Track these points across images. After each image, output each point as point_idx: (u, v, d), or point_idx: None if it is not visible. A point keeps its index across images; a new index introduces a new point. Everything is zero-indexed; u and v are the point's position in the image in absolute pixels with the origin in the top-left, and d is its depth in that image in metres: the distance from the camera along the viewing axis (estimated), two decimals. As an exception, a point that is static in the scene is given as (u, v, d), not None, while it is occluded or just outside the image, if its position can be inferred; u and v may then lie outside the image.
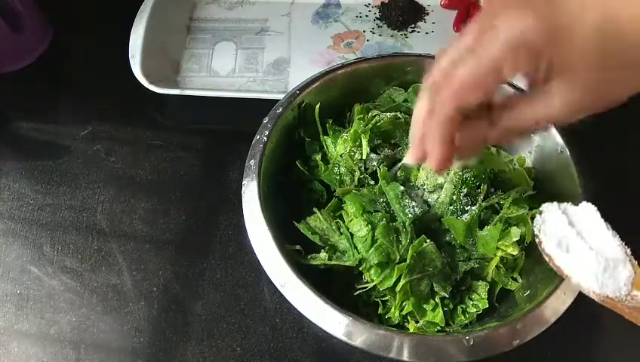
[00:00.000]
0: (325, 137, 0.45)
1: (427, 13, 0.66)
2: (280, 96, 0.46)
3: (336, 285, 0.41)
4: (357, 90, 0.47)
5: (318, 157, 0.45)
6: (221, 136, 0.56)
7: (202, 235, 0.50)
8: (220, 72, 0.62)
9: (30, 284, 0.47)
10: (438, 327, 0.39)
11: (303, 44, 0.64)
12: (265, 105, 0.45)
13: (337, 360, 0.44)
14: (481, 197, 0.41)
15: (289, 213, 0.42)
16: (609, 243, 0.32)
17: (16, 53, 0.60)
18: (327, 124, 0.45)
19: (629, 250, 0.32)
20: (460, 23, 0.64)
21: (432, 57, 0.47)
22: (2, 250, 0.49)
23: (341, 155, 0.44)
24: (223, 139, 0.56)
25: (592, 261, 0.31)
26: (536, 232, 0.34)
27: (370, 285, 0.39)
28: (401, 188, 0.41)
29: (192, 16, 0.67)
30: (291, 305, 0.36)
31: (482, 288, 0.41)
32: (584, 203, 0.34)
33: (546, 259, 0.33)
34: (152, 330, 0.45)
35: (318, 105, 0.44)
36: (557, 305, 0.35)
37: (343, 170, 0.44)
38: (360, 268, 0.40)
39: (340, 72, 0.46)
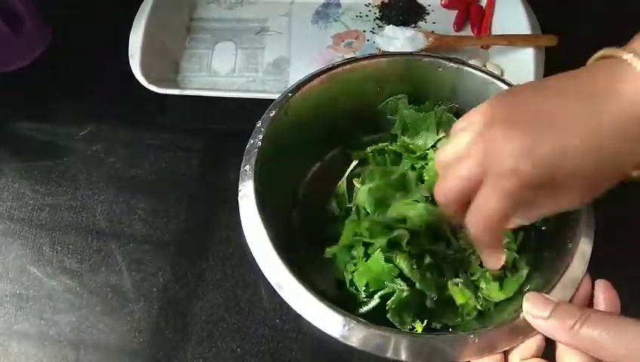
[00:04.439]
0: None
1: (427, 13, 0.66)
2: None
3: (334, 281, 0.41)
4: (353, 90, 0.47)
5: None
6: (221, 136, 0.56)
7: (202, 236, 0.50)
8: (219, 72, 0.62)
9: (30, 285, 0.47)
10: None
11: (302, 44, 0.64)
12: (265, 105, 0.45)
13: (338, 360, 0.44)
14: None
15: (286, 214, 0.42)
16: (413, 32, 0.60)
17: (15, 53, 0.60)
18: None
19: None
20: (460, 23, 0.64)
21: (424, 55, 0.47)
22: (2, 250, 0.49)
23: None
24: (222, 139, 0.56)
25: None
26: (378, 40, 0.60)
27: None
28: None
29: (192, 16, 0.67)
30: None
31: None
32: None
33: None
34: (151, 331, 0.45)
35: None
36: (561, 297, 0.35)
37: None
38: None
39: (335, 71, 0.46)
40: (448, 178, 0.34)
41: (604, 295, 0.34)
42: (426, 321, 0.39)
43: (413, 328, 0.38)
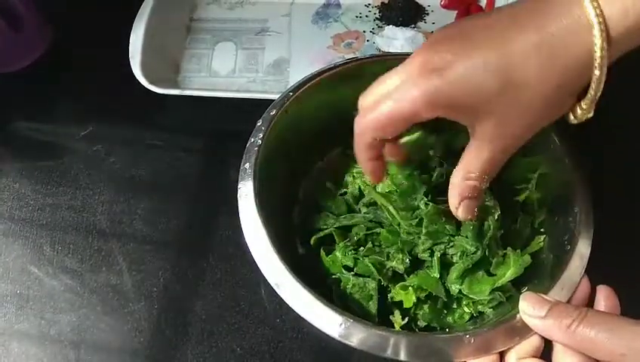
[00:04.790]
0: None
1: (427, 14, 0.66)
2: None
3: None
4: (354, 90, 0.47)
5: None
6: (221, 136, 0.56)
7: (202, 235, 0.50)
8: (220, 72, 0.62)
9: (30, 284, 0.47)
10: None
11: (303, 44, 0.64)
12: (265, 106, 0.45)
13: (338, 360, 0.44)
14: None
15: (286, 214, 0.42)
16: (413, 32, 0.61)
17: (16, 53, 0.60)
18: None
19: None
20: (460, 23, 0.64)
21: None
22: (2, 250, 0.49)
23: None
24: (222, 140, 0.56)
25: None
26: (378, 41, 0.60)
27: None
28: None
29: (193, 17, 0.67)
30: (291, 305, 0.36)
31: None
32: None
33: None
34: (152, 330, 0.45)
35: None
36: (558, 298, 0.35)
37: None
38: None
39: (336, 71, 0.46)
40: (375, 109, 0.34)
41: (605, 302, 0.33)
42: (407, 319, 0.39)
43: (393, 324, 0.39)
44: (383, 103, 0.33)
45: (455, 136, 0.42)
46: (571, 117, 0.32)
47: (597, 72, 0.29)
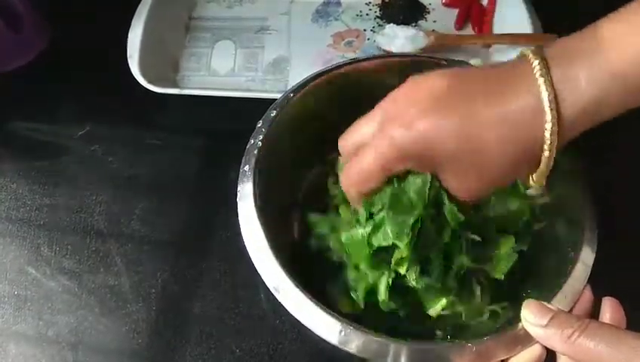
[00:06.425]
0: None
1: (428, 12, 0.66)
2: (279, 96, 0.45)
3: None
4: (355, 91, 0.47)
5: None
6: (220, 136, 0.56)
7: (201, 236, 0.49)
8: (219, 71, 0.61)
9: (28, 285, 0.47)
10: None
11: (302, 43, 0.63)
12: (264, 105, 0.44)
13: (337, 362, 0.44)
14: None
15: (286, 216, 0.42)
16: (414, 31, 0.60)
17: (14, 53, 0.60)
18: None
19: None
20: (461, 22, 0.64)
21: (425, 56, 0.47)
22: (0, 251, 0.49)
23: None
24: (221, 139, 0.55)
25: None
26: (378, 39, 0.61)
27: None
28: None
29: (192, 15, 0.66)
30: (289, 307, 0.35)
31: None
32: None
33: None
34: (150, 332, 0.45)
35: None
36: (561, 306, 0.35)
37: None
38: None
39: (337, 72, 0.46)
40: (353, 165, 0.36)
41: (610, 314, 0.33)
42: None
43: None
44: (361, 156, 0.35)
45: None
46: (524, 186, 0.36)
47: (547, 153, 0.31)
